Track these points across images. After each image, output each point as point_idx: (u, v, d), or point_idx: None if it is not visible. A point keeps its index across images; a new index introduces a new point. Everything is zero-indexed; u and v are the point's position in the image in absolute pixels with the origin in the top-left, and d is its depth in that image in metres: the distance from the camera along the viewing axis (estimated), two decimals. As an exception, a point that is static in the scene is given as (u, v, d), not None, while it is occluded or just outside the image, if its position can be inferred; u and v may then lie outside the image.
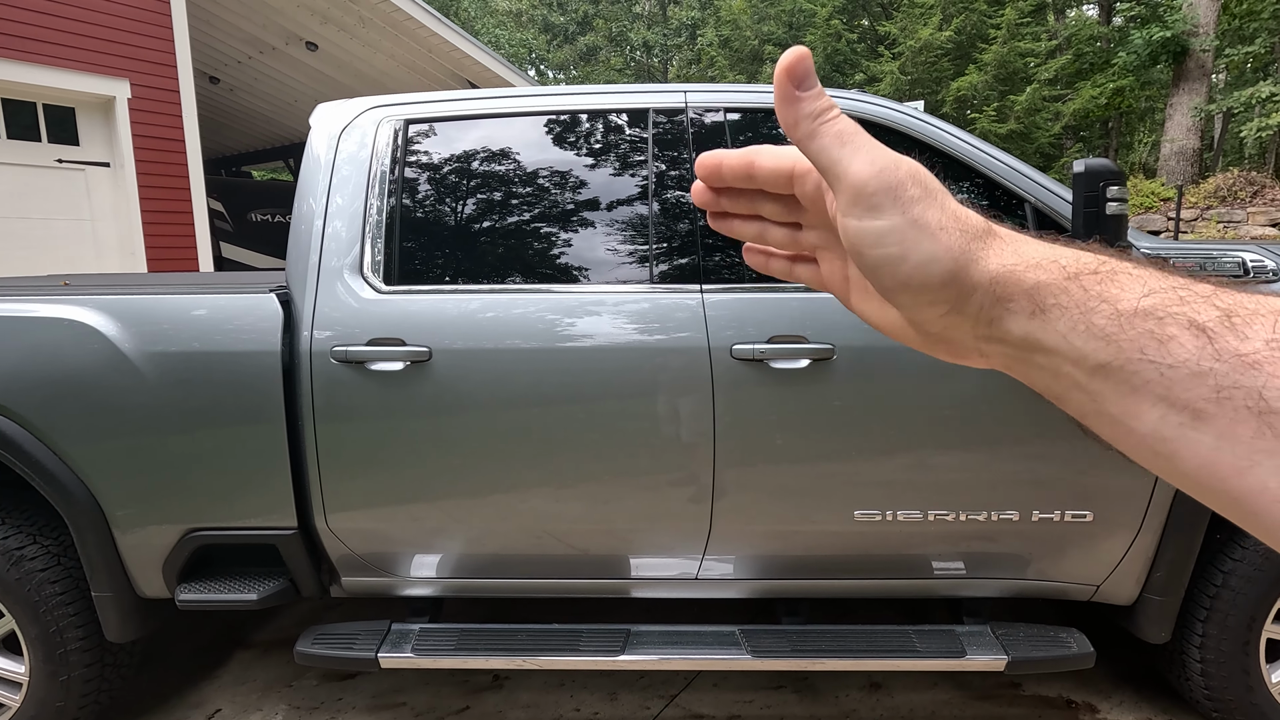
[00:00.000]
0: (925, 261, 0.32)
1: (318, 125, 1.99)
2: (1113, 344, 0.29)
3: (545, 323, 1.81)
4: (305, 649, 1.93)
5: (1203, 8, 11.81)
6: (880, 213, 0.32)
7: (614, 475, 1.82)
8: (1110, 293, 0.30)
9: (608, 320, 1.81)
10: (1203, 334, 0.27)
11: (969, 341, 0.34)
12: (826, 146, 0.33)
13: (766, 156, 0.39)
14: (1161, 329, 0.28)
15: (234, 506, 1.87)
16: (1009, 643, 1.90)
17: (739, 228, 0.43)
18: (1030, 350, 0.32)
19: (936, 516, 1.82)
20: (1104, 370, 0.29)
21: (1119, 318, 0.29)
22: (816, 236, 0.40)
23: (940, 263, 0.32)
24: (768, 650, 1.89)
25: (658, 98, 1.98)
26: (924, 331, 0.35)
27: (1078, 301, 0.30)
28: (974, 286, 0.32)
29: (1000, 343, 0.33)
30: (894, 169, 0.32)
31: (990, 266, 0.32)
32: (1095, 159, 1.49)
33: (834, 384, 1.77)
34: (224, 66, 9.56)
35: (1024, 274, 0.31)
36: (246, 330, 1.83)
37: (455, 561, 1.95)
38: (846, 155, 0.33)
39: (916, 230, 0.32)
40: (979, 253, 0.32)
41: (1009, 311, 0.32)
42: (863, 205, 0.32)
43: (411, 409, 1.80)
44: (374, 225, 1.89)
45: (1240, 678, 1.86)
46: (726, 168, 0.40)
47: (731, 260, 1.88)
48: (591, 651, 1.90)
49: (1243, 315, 0.27)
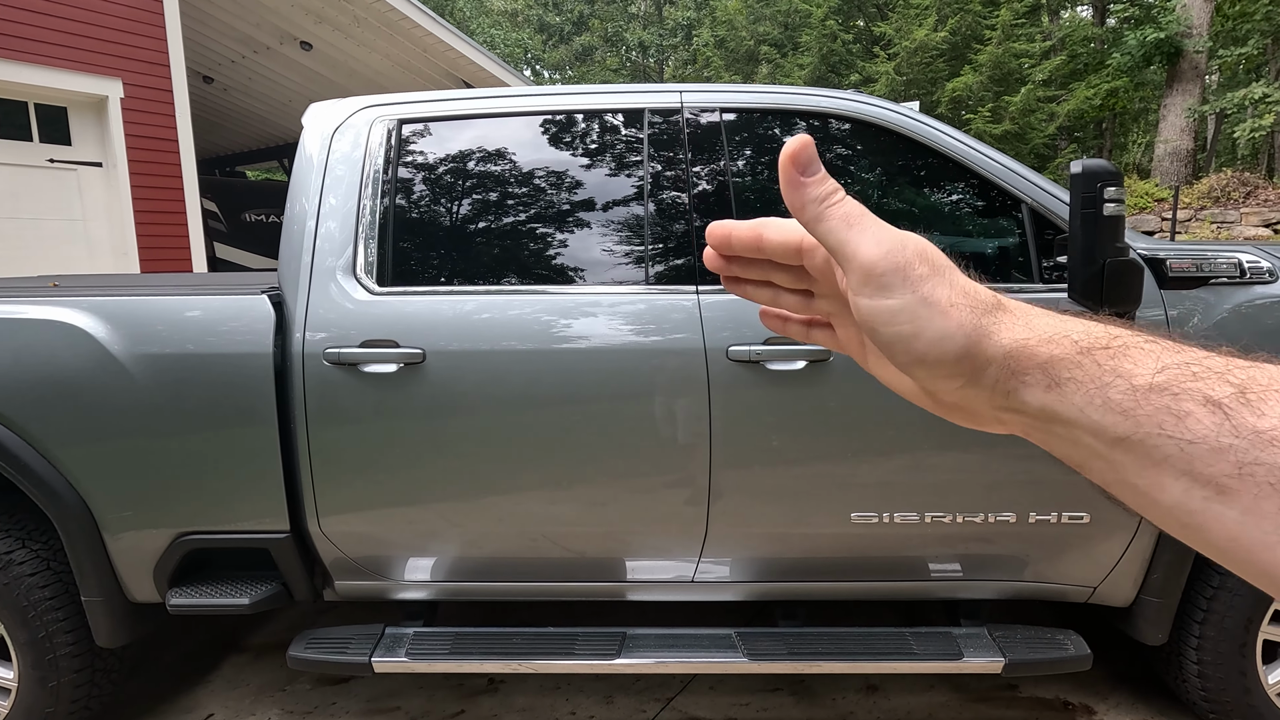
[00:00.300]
0: (938, 339, 0.33)
1: (310, 125, 1.97)
2: (1131, 418, 0.29)
3: (540, 324, 1.79)
4: (298, 653, 1.91)
5: (1196, 9, 11.86)
6: (891, 292, 0.33)
7: (610, 478, 1.80)
8: (1124, 367, 0.30)
9: (603, 321, 1.80)
10: (1219, 410, 0.27)
11: (986, 411, 0.34)
12: (833, 229, 0.34)
13: (774, 230, 0.40)
14: (1178, 404, 0.28)
15: (226, 510, 1.85)
16: (1006, 645, 1.89)
17: (752, 292, 0.44)
18: (1048, 421, 0.32)
19: (933, 518, 1.81)
20: (1124, 443, 0.30)
21: (1134, 393, 0.29)
22: (829, 305, 0.41)
23: (953, 339, 0.33)
24: (764, 653, 1.88)
25: (653, 98, 1.96)
26: (941, 401, 0.36)
27: (1092, 376, 0.31)
28: (988, 361, 0.33)
29: (1018, 413, 0.33)
30: (901, 249, 0.33)
31: (1003, 341, 0.33)
32: (1093, 159, 1.48)
33: (830, 385, 1.76)
34: (218, 66, 9.51)
35: (1037, 348, 0.32)
36: (238, 332, 1.81)
37: (449, 565, 1.93)
38: (854, 237, 0.34)
39: (927, 308, 0.33)
40: (990, 327, 0.33)
41: (1025, 385, 0.32)
42: (873, 285, 0.33)
43: (405, 411, 1.78)
44: (367, 226, 1.88)
45: (1237, 679, 1.85)
46: (735, 238, 0.41)
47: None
48: (587, 655, 1.89)
49: (1257, 391, 0.27)
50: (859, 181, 2.05)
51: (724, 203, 1.91)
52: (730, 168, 1.93)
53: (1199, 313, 1.75)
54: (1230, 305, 1.76)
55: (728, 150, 1.94)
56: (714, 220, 1.75)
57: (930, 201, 2.02)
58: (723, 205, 1.90)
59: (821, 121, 1.98)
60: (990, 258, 1.91)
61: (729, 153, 1.94)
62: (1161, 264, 1.77)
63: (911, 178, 2.05)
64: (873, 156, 2.03)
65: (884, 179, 2.05)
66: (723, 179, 1.92)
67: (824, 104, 1.95)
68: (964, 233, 1.97)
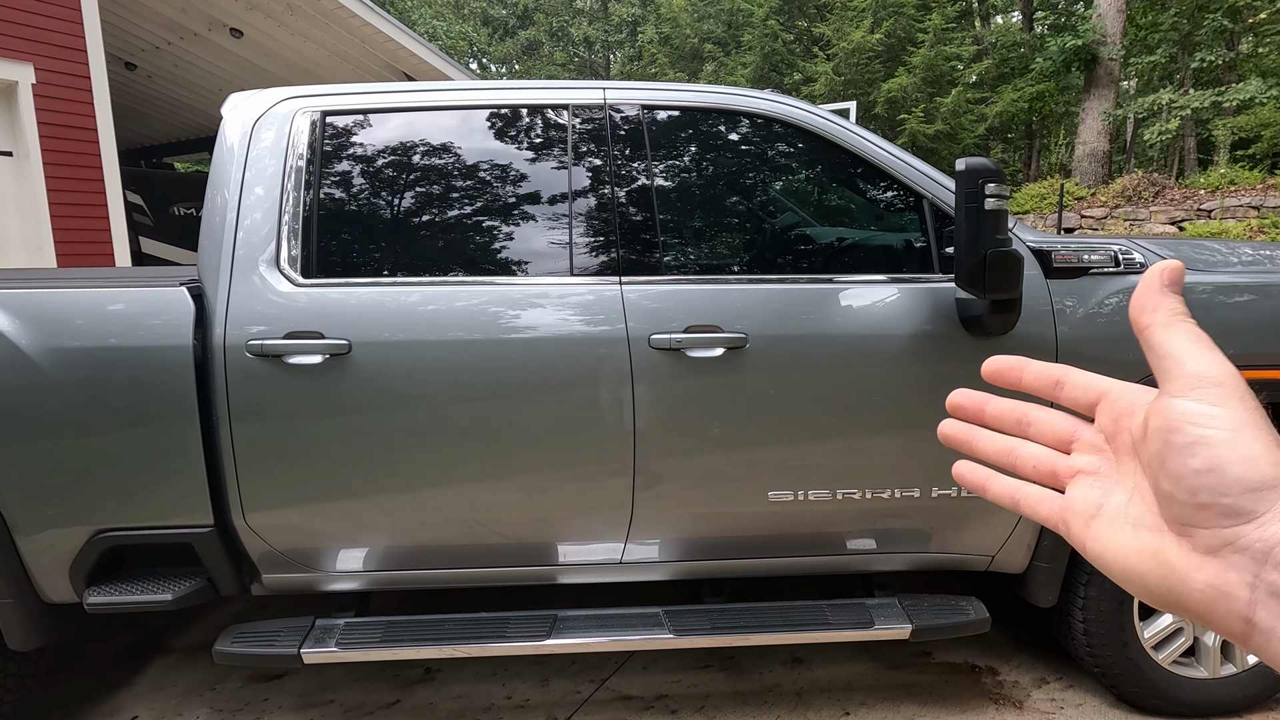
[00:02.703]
0: (1249, 457, 0.31)
1: (231, 116, 1.95)
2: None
3: (465, 315, 1.83)
4: (225, 648, 1.90)
5: (1111, 19, 12.56)
6: (1219, 401, 0.32)
7: (536, 465, 1.85)
8: None
9: (528, 312, 1.84)
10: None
11: (1239, 590, 0.31)
12: (1176, 337, 0.34)
13: (1078, 375, 0.41)
14: None
15: (146, 506, 1.82)
16: (914, 613, 2.03)
17: (984, 445, 0.44)
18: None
19: (844, 495, 1.92)
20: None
21: None
22: (1087, 457, 0.40)
23: (1262, 463, 0.31)
24: (689, 629, 1.96)
25: (577, 94, 2.02)
26: (1185, 578, 0.32)
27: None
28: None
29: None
30: (1237, 373, 0.33)
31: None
32: (976, 158, 1.61)
33: (747, 372, 1.85)
34: (141, 52, 9.09)
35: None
36: (156, 325, 1.78)
37: (379, 554, 1.95)
38: (1197, 350, 0.34)
39: (1251, 423, 0.31)
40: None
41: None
42: (1202, 389, 0.33)
43: (331, 403, 1.79)
44: (290, 218, 1.87)
45: (1117, 635, 2.03)
46: (1030, 375, 0.42)
47: (648, 253, 1.94)
48: (519, 638, 1.94)
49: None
50: (774, 176, 2.15)
51: (645, 196, 1.98)
52: (653, 162, 2.01)
53: (1079, 299, 1.91)
54: (1106, 292, 1.92)
55: (649, 146, 2.01)
56: (635, 212, 1.80)
57: (838, 195, 2.13)
58: (644, 198, 1.97)
59: (738, 120, 2.07)
60: (895, 249, 2.04)
61: (651, 148, 2.01)
62: (1048, 255, 1.93)
63: (821, 173, 2.16)
64: (786, 153, 2.13)
65: (796, 175, 2.16)
66: (645, 173, 1.99)
67: (740, 103, 2.04)
68: (868, 224, 2.10)
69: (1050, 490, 0.40)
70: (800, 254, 2.12)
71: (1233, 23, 11.88)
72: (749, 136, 2.11)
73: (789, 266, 2.06)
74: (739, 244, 2.11)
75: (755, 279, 1.93)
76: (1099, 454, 0.39)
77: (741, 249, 2.10)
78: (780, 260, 2.09)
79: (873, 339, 1.87)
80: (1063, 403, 0.41)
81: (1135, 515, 0.35)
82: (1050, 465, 0.41)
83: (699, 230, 2.10)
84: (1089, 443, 0.39)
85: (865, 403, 1.88)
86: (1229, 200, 10.26)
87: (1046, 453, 0.41)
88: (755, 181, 2.16)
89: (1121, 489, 0.37)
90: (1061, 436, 0.41)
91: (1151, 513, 0.34)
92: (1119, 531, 0.36)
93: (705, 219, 2.13)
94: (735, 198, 2.17)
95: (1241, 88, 10.97)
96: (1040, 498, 0.40)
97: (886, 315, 1.89)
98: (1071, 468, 0.40)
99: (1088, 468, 0.39)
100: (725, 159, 2.13)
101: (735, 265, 2.06)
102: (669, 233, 2.00)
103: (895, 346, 1.87)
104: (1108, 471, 0.38)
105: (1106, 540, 0.36)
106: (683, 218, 2.07)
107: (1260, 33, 13.14)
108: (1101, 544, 0.36)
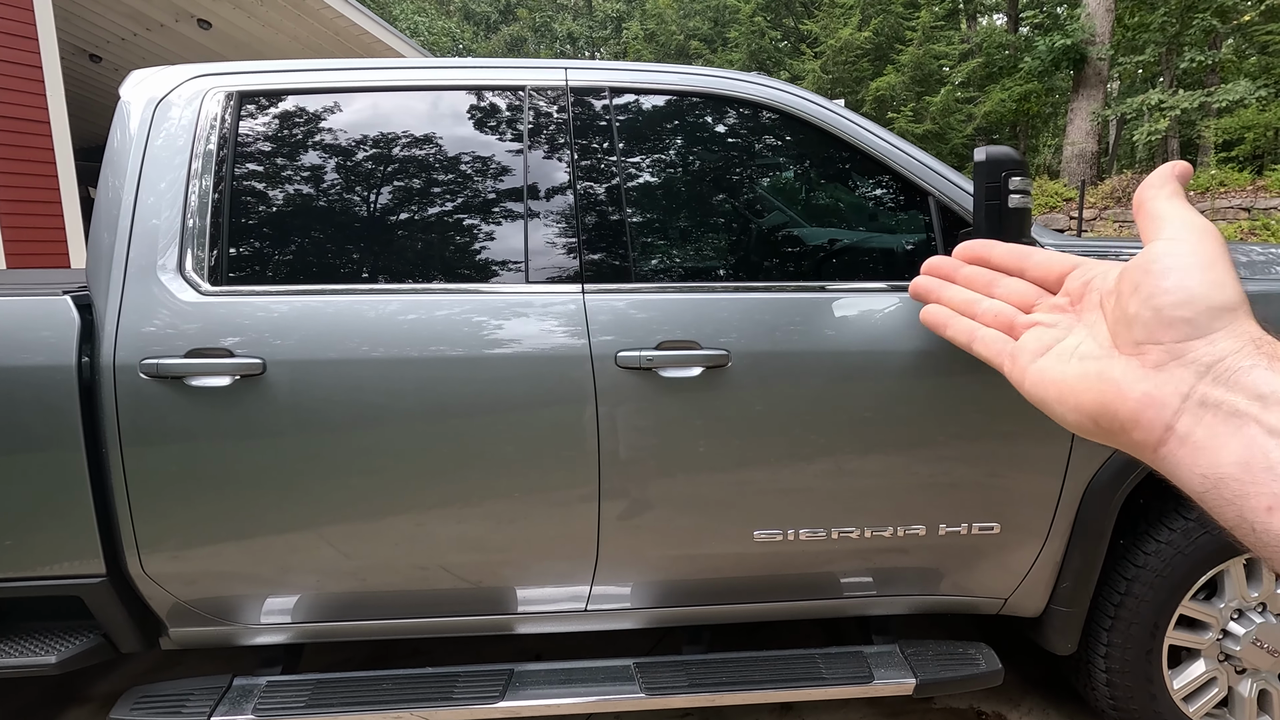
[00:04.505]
0: (1218, 282, 0.35)
1: (129, 96, 1.69)
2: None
3: (404, 328, 1.57)
4: (122, 716, 1.63)
5: (1099, 18, 12.47)
6: (1199, 241, 0.37)
7: (482, 499, 1.60)
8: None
9: (475, 324, 1.59)
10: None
11: (1171, 399, 0.34)
12: (1173, 205, 0.39)
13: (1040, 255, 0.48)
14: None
15: (24, 553, 1.55)
16: (917, 663, 1.79)
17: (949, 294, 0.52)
18: (1269, 406, 0.32)
19: (840, 534, 1.69)
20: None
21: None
22: (1047, 311, 0.46)
23: (1229, 287, 0.35)
24: (663, 687, 1.72)
25: (535, 75, 1.76)
26: (1123, 388, 0.36)
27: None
28: (1236, 330, 0.34)
29: (1219, 402, 0.33)
30: (1217, 230, 0.37)
31: (1254, 328, 0.34)
32: (997, 147, 1.37)
33: (729, 394, 1.61)
34: (105, 44, 8.73)
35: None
36: (34, 341, 1.51)
37: (303, 605, 1.69)
38: (1186, 212, 0.38)
39: (1223, 261, 0.35)
40: (1248, 312, 0.35)
41: (1258, 367, 0.33)
42: (1185, 236, 0.37)
43: (241, 431, 1.53)
44: (197, 216, 1.60)
45: (1144, 686, 1.81)
46: (997, 255, 0.51)
47: (616, 257, 1.69)
48: (466, 699, 1.68)
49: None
50: (761, 170, 1.91)
51: (613, 192, 1.72)
52: (623, 154, 1.75)
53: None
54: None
55: (618, 135, 1.75)
56: (601, 211, 1.52)
57: (832, 192, 1.89)
58: (612, 195, 1.72)
59: (721, 106, 1.82)
60: (897, 253, 1.80)
61: (620, 137, 1.76)
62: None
63: (813, 167, 1.92)
64: (774, 144, 1.89)
65: (785, 169, 1.92)
66: (614, 165, 1.74)
67: (723, 86, 1.80)
68: (866, 225, 1.86)
69: (1005, 336, 0.46)
70: (790, 259, 1.87)
71: (1222, 22, 11.83)
72: (733, 125, 1.87)
73: (777, 273, 1.80)
74: (721, 247, 1.86)
75: (739, 287, 1.68)
76: (1060, 313, 0.45)
77: (723, 253, 1.84)
78: (767, 266, 1.84)
79: (872, 355, 1.63)
80: (1028, 277, 0.48)
81: (1084, 351, 0.40)
82: (1009, 318, 0.47)
83: (675, 232, 1.84)
84: (1051, 304, 0.46)
85: (864, 429, 1.64)
86: (1219, 202, 10.17)
87: (1007, 308, 0.48)
88: (740, 176, 1.91)
89: (1075, 335, 0.42)
90: (1026, 299, 0.47)
91: (1102, 346, 0.39)
92: (1064, 363, 0.41)
93: (682, 219, 1.87)
94: (717, 194, 1.91)
95: (1230, 88, 10.89)
96: (994, 339, 0.47)
97: (887, 328, 1.65)
98: (1029, 321, 0.46)
99: (1045, 321, 0.45)
100: (706, 150, 1.88)
101: (716, 271, 1.81)
102: (640, 234, 1.75)
103: (898, 364, 1.64)
104: (1066, 324, 0.44)
105: (1049, 370, 0.42)
106: (656, 217, 1.81)
107: (1247, 34, 13.11)
108: (1043, 373, 0.42)
